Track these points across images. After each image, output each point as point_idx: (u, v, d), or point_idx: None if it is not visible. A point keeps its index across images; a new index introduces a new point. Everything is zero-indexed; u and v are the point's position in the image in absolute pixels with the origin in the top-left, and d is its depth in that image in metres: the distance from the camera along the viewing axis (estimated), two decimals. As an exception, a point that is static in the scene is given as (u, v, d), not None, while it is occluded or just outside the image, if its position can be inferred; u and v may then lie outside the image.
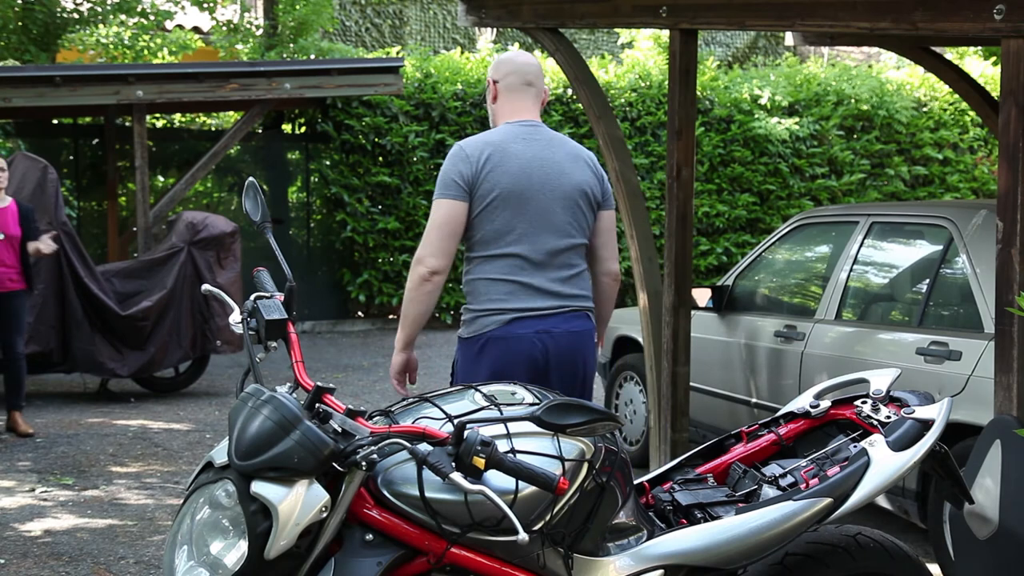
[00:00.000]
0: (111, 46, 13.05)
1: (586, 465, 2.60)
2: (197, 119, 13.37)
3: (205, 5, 13.18)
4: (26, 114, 10.97)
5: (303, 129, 12.93)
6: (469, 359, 3.55)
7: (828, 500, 2.81)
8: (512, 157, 3.53)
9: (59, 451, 6.89)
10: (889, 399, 3.20)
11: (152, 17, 13.03)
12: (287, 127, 13.11)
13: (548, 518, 2.55)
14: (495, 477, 2.41)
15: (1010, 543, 3.65)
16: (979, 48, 13.70)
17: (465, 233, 3.55)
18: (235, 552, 2.39)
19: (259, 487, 2.37)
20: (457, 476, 2.32)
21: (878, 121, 14.33)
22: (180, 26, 14.47)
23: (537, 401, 2.68)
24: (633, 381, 6.69)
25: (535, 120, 3.66)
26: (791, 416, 3.34)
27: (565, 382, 3.53)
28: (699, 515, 2.92)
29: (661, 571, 2.72)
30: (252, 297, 2.86)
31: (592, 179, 3.65)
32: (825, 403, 3.31)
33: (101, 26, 12.84)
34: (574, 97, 12.86)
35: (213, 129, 13.17)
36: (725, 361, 5.97)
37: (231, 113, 12.96)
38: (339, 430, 2.47)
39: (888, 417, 3.10)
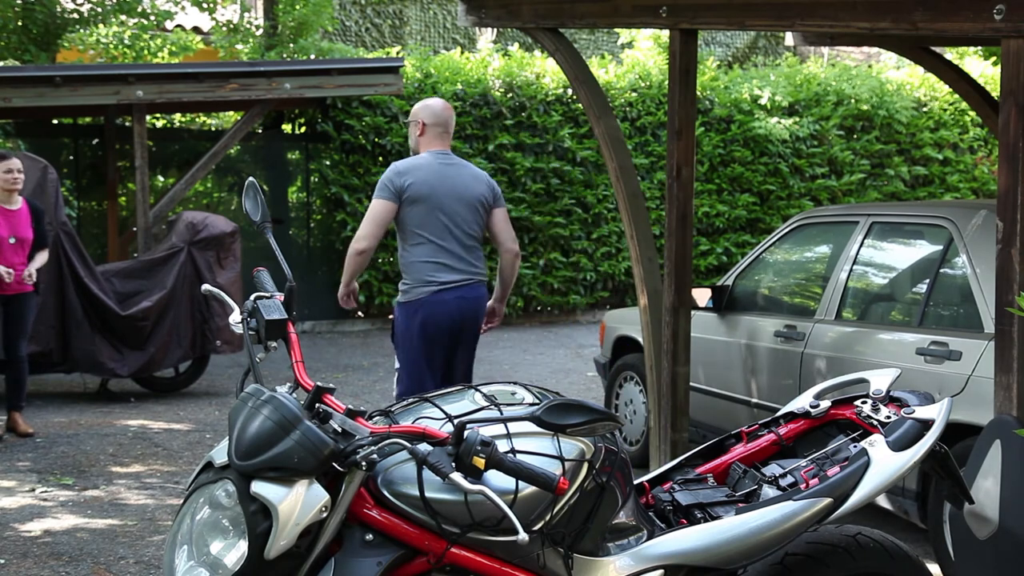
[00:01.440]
0: (111, 46, 13.04)
1: (586, 465, 2.60)
2: (197, 119, 13.36)
3: (205, 5, 13.17)
4: (26, 114, 10.96)
5: (303, 129, 12.93)
6: (406, 317, 4.99)
7: (828, 500, 2.81)
8: (431, 174, 5.00)
9: (59, 451, 6.89)
10: (889, 399, 3.21)
11: (152, 17, 13.01)
12: (287, 127, 13.11)
13: (548, 518, 2.55)
14: (495, 477, 2.41)
15: (1010, 543, 3.65)
16: (979, 48, 13.70)
17: (399, 225, 5.05)
18: (235, 552, 2.39)
19: (259, 487, 2.37)
20: (457, 476, 2.32)
21: (878, 121, 14.33)
22: (180, 26, 14.47)
23: (537, 401, 2.69)
24: (633, 381, 6.69)
25: (447, 150, 5.15)
26: (791, 416, 3.34)
27: (469, 333, 5.07)
28: (699, 515, 2.93)
29: (661, 571, 2.72)
30: (252, 297, 2.87)
31: (486, 190, 5.14)
32: (825, 403, 3.31)
33: (101, 26, 12.82)
34: (574, 97, 12.86)
35: (213, 129, 13.16)
36: (725, 361, 5.97)
37: (231, 113, 12.96)
38: (339, 430, 2.47)
39: (888, 417, 3.10)
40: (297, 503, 2.36)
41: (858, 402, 3.24)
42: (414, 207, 4.96)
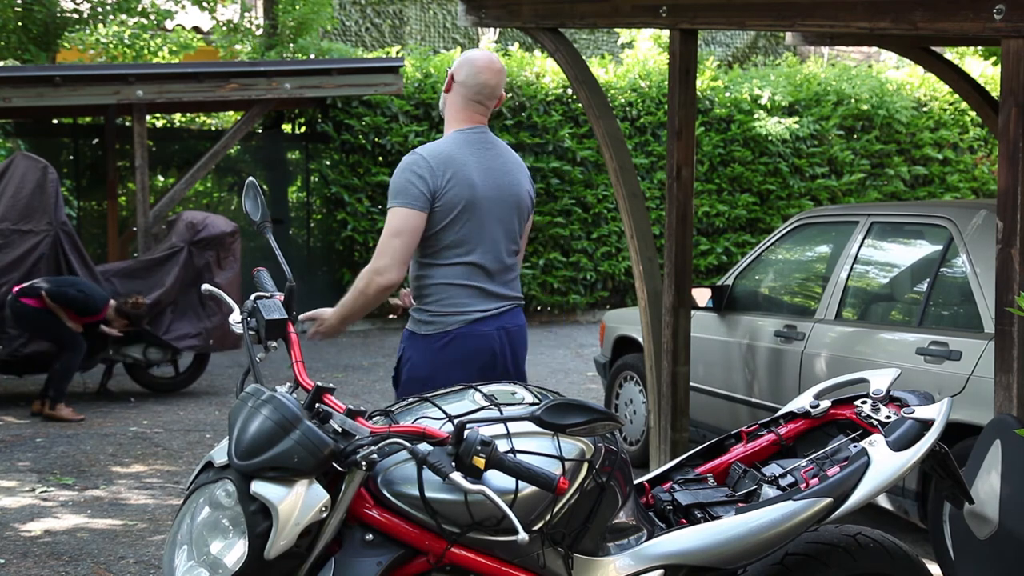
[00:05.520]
0: (111, 46, 13.05)
1: (586, 465, 2.60)
2: (197, 119, 13.36)
3: (205, 5, 13.18)
4: (26, 114, 10.97)
5: (303, 129, 12.93)
6: (431, 352, 3.60)
7: (828, 500, 2.81)
8: (471, 163, 3.57)
9: (59, 451, 6.89)
10: (889, 399, 3.20)
11: (152, 17, 13.03)
12: (287, 127, 13.11)
13: (548, 518, 2.55)
14: (495, 477, 2.41)
15: (1010, 543, 3.65)
16: (979, 48, 13.70)
17: (424, 238, 3.55)
18: (235, 552, 2.39)
19: (259, 487, 2.37)
20: (457, 476, 2.32)
21: (878, 121, 14.33)
22: (180, 26, 14.48)
23: (537, 401, 2.69)
24: (633, 381, 6.69)
25: (484, 126, 3.67)
26: (791, 416, 3.34)
27: (516, 368, 3.71)
28: (699, 515, 2.92)
29: (661, 571, 2.72)
30: (252, 297, 2.87)
31: (530, 187, 3.77)
32: (825, 403, 3.31)
33: (101, 26, 12.83)
34: (574, 97, 12.86)
35: (213, 129, 13.16)
36: (725, 361, 5.97)
37: (231, 113, 12.96)
38: (339, 430, 2.47)
39: (888, 417, 3.10)
40: (297, 503, 2.35)
41: (858, 402, 3.24)
42: (451, 214, 3.53)
